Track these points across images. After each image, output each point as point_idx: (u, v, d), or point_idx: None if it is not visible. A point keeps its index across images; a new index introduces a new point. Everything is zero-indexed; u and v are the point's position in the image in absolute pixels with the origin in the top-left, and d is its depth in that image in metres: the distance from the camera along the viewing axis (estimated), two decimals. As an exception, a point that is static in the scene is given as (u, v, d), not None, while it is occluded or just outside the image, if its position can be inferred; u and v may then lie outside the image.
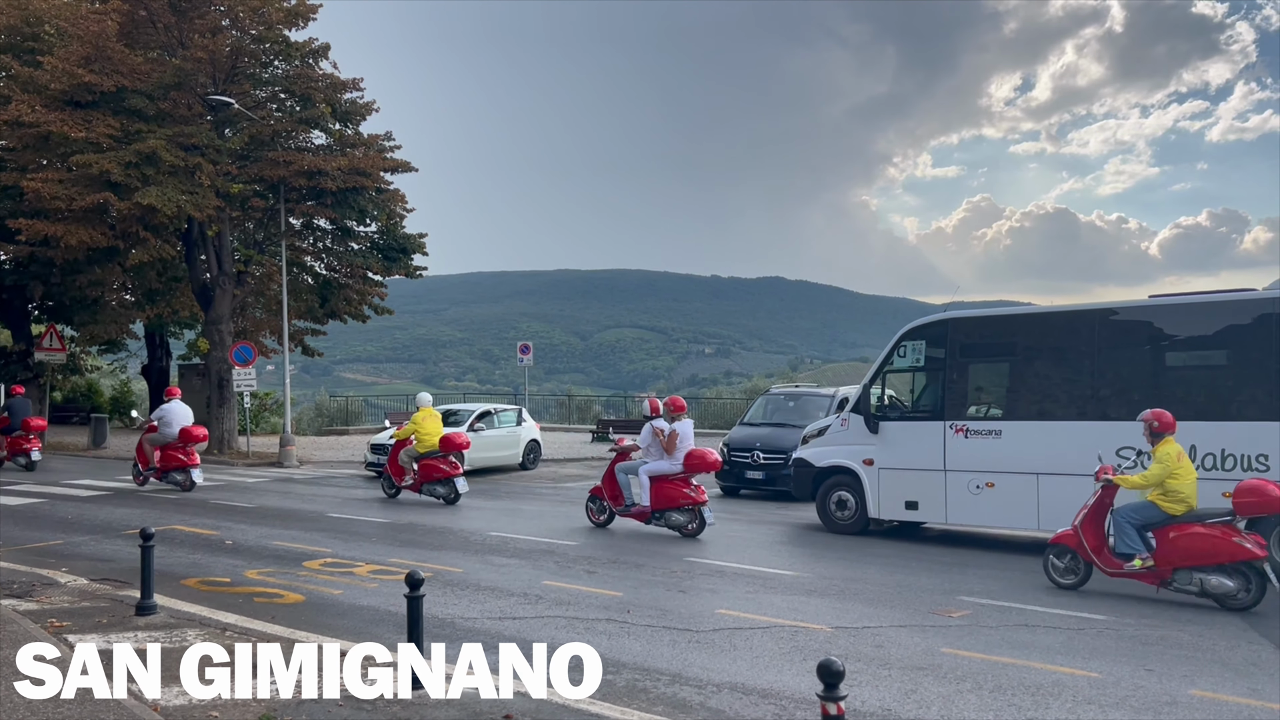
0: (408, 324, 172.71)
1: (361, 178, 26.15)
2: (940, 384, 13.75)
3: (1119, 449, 12.01)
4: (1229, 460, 11.36)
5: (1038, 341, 13.24)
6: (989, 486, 12.93)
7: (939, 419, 13.54)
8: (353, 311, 31.12)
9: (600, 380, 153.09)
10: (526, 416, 25.13)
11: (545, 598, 9.58)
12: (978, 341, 13.81)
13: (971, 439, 13.21)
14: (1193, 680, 7.12)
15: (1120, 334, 12.60)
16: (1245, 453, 11.24)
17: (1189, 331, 12.28)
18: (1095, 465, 10.97)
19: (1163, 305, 12.41)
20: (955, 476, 13.24)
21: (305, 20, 26.58)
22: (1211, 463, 11.39)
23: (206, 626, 8.08)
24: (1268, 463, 11.08)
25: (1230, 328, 11.86)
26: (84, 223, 24.89)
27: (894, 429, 14.03)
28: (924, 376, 14.14)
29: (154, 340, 39.36)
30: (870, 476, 14.07)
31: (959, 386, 13.59)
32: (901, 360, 14.18)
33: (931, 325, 14.04)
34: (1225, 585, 9.63)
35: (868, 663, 7.40)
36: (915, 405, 14.19)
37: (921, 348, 14.01)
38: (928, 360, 13.95)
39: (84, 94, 24.64)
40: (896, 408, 14.34)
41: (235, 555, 11.90)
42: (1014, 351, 13.44)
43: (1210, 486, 11.05)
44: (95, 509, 16.01)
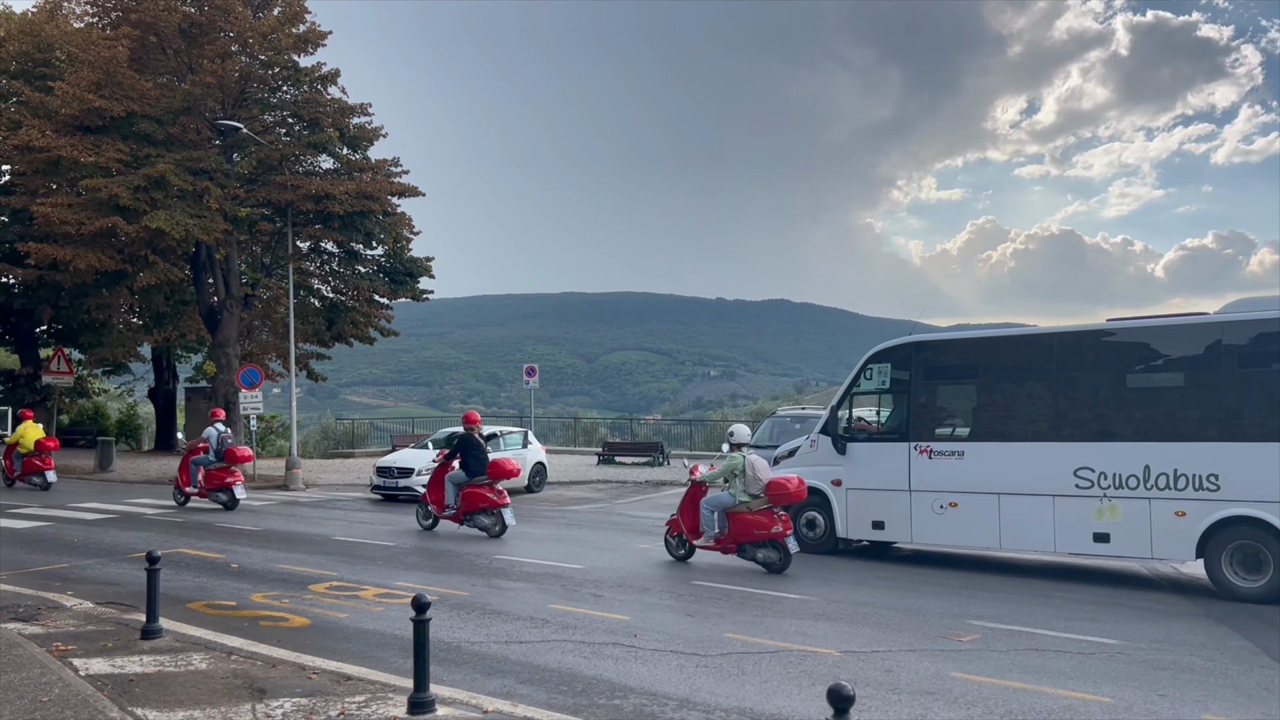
0: (414, 347, 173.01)
1: (368, 202, 26.31)
2: (905, 406, 14.03)
3: (1077, 469, 12.30)
4: (1181, 480, 11.60)
5: (998, 364, 13.56)
6: (952, 506, 13.21)
7: (904, 440, 13.80)
8: (359, 334, 31.22)
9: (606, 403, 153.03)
10: (532, 439, 25.09)
11: (552, 621, 9.53)
12: (941, 364, 14.10)
13: (935, 460, 13.47)
14: (1206, 706, 7.05)
15: (1077, 357, 12.82)
16: (1197, 472, 11.50)
17: (1144, 355, 12.46)
18: (1055, 486, 12.14)
19: (1118, 329, 12.64)
20: (920, 496, 13.51)
21: (314, 46, 26.86)
22: (1165, 482, 11.69)
23: (212, 650, 8.04)
24: (1218, 482, 11.34)
25: (1184, 350, 12.11)
26: (92, 247, 25.06)
27: (861, 450, 14.25)
28: (889, 399, 14.42)
29: (161, 363, 39.51)
30: (839, 497, 14.30)
31: (923, 408, 13.91)
32: (868, 383, 14.41)
33: (896, 348, 14.25)
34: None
35: (877, 688, 7.33)
36: (881, 427, 14.47)
37: (887, 370, 14.26)
38: (893, 382, 14.21)
39: (94, 119, 24.85)
40: (863, 429, 14.54)
41: (241, 579, 11.87)
42: (975, 374, 13.76)
43: (1163, 506, 11.64)
44: (101, 532, 15.99)
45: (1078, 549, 12.49)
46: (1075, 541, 12.36)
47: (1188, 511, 11.50)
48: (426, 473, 21.40)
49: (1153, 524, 11.74)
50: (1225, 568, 11.33)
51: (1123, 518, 11.94)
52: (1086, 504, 12.19)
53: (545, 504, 21.70)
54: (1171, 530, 11.61)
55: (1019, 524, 12.67)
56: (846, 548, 14.73)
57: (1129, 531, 11.90)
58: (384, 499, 21.88)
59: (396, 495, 21.62)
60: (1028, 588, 11.86)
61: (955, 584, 12.07)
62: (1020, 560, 14.08)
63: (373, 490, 22.26)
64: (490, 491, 15.87)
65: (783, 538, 12.56)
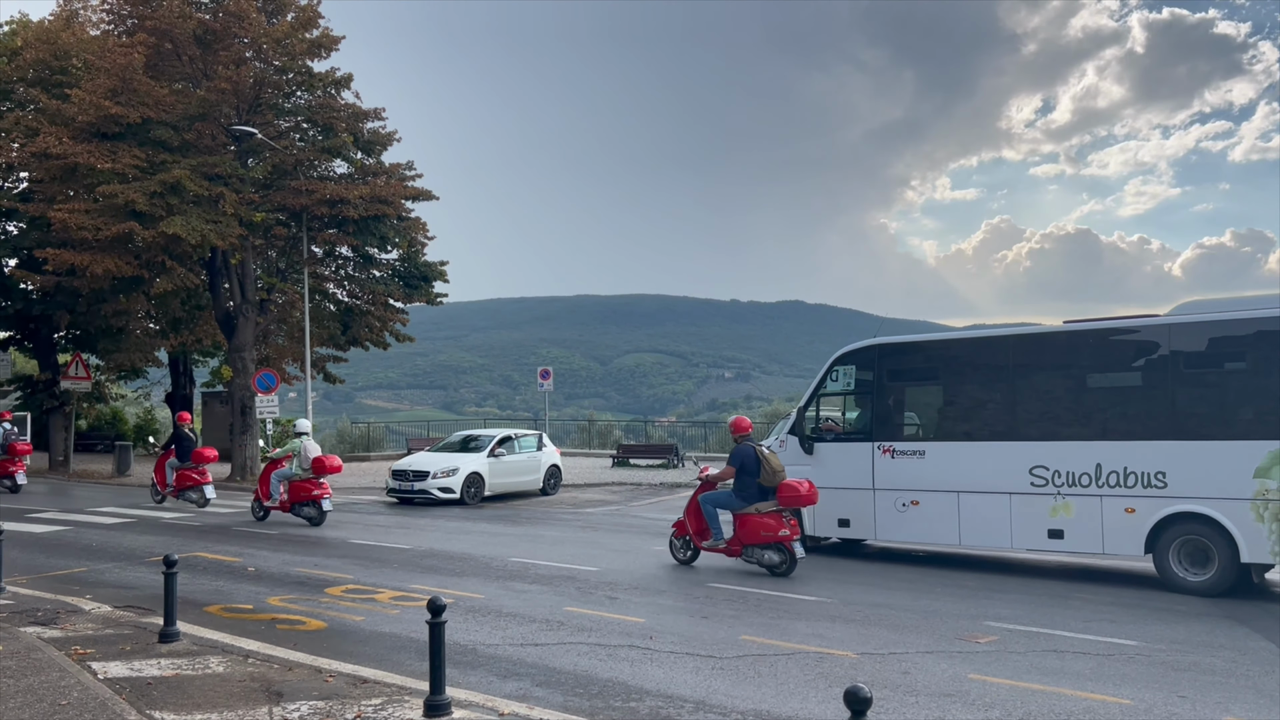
0: (429, 350, 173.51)
1: (383, 206, 26.38)
2: (869, 406, 14.43)
3: (1032, 468, 12.64)
4: (1131, 477, 11.95)
5: (957, 366, 13.93)
6: (914, 504, 13.62)
7: (868, 440, 14.18)
8: (374, 338, 31.29)
9: (620, 405, 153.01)
10: (547, 442, 25.12)
11: (567, 624, 9.52)
12: (903, 366, 14.43)
13: (898, 459, 13.85)
14: (1227, 707, 6.98)
15: (1032, 359, 13.18)
16: (1146, 470, 11.84)
17: (1095, 356, 12.68)
18: (1011, 484, 12.47)
19: (1072, 331, 12.92)
20: (883, 495, 13.92)
21: (328, 51, 26.93)
22: (1116, 480, 12.03)
23: (229, 653, 8.07)
24: (1166, 479, 11.68)
25: (1132, 352, 12.39)
26: (109, 252, 25.20)
27: (827, 450, 14.61)
28: (854, 399, 14.80)
29: (178, 368, 39.70)
30: None
31: (886, 409, 14.29)
32: (834, 384, 14.81)
33: (861, 350, 14.61)
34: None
35: (894, 690, 7.30)
36: (846, 427, 14.83)
37: (852, 372, 14.64)
38: (858, 384, 14.58)
39: (110, 125, 25.01)
40: (830, 430, 14.88)
41: (257, 582, 11.91)
42: (936, 376, 14.20)
43: (1114, 503, 12.01)
44: (119, 536, 16.09)
45: (1033, 545, 12.83)
46: (1031, 538, 12.72)
47: (1137, 508, 11.86)
48: (442, 475, 21.55)
49: (1104, 521, 12.11)
50: (1173, 562, 11.68)
51: (1076, 515, 12.29)
52: (1041, 501, 12.55)
53: (560, 506, 21.72)
54: (1122, 526, 11.98)
55: (977, 521, 13.06)
56: (815, 545, 14.85)
57: (1082, 528, 12.26)
58: (400, 502, 21.94)
59: (412, 498, 21.69)
60: (1046, 589, 11.79)
61: (972, 585, 12.01)
62: (1038, 562, 14.01)
63: (388, 493, 22.33)
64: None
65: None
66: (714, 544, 13.07)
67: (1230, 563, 11.24)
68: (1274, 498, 10.96)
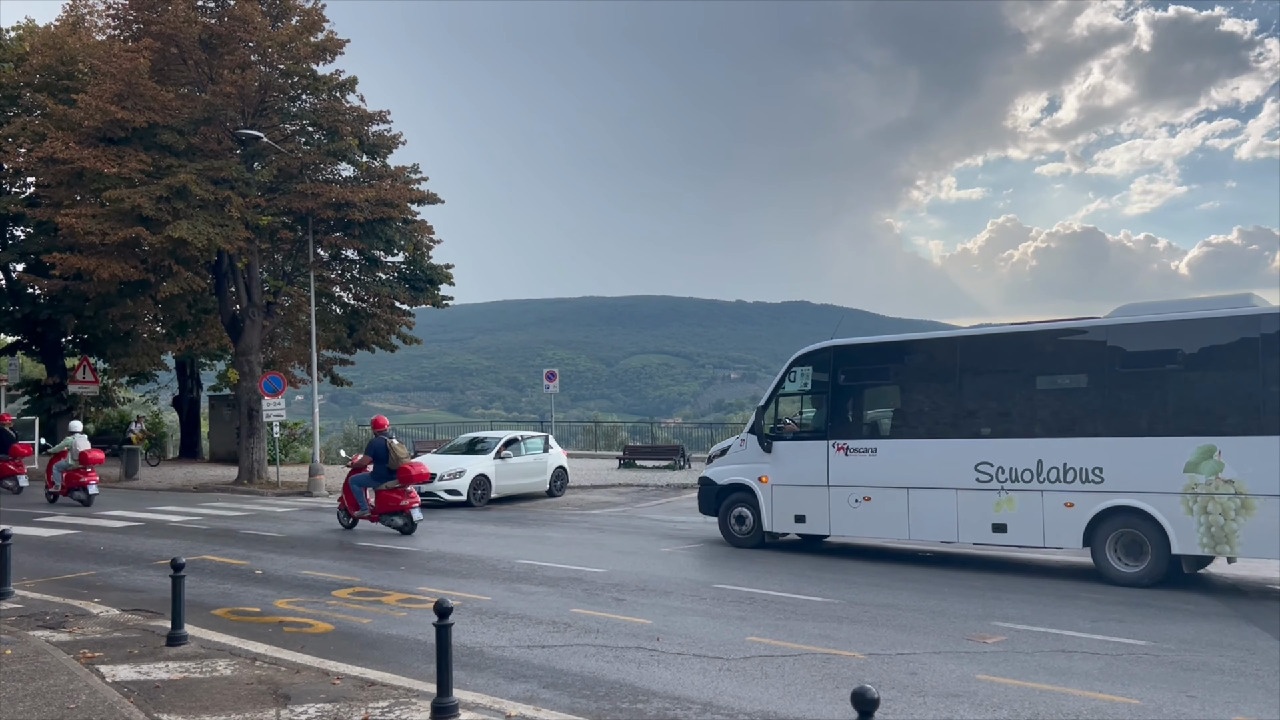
0: (435, 353, 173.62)
1: (388, 209, 26.43)
2: (825, 406, 14.92)
3: (977, 464, 13.12)
4: (1070, 473, 12.44)
5: (908, 366, 14.44)
6: (866, 500, 14.09)
7: (823, 438, 14.65)
8: (380, 341, 31.34)
9: (626, 406, 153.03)
10: (553, 443, 25.13)
11: (574, 625, 9.52)
12: (857, 366, 14.86)
13: (851, 456, 14.31)
14: (1236, 707, 6.96)
15: (977, 359, 13.71)
16: (1083, 465, 12.32)
17: (1038, 356, 13.12)
18: (958, 480, 13.09)
19: (1014, 332, 13.45)
20: (837, 491, 14.38)
21: (332, 54, 26.98)
22: (1056, 475, 12.53)
23: (237, 657, 8.08)
24: (1102, 475, 12.18)
25: (1071, 352, 12.90)
26: (116, 257, 25.30)
27: (785, 448, 15.10)
28: (811, 399, 15.32)
29: (184, 371, 39.82)
30: (765, 493, 15.19)
31: (841, 408, 14.76)
32: (792, 384, 15.35)
33: (817, 352, 15.11)
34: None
35: (902, 690, 7.28)
36: (803, 426, 15.27)
37: (809, 373, 15.17)
38: (814, 384, 15.12)
39: (116, 130, 25.09)
40: (788, 428, 15.33)
41: (265, 585, 11.93)
42: (888, 376, 14.75)
43: (1054, 497, 12.50)
44: (127, 540, 16.13)
45: (978, 539, 13.32)
46: (976, 532, 13.18)
47: (1075, 503, 12.33)
48: (449, 478, 21.57)
49: (1045, 515, 12.57)
50: (1109, 554, 12.16)
51: (1018, 509, 12.74)
52: (986, 497, 12.99)
53: (567, 508, 21.72)
54: (1061, 520, 12.42)
55: (926, 516, 13.53)
56: (773, 541, 15.54)
57: (1024, 522, 12.71)
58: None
59: (419, 501, 21.65)
60: (1053, 588, 11.76)
61: (980, 585, 11.98)
62: (1045, 561, 13.97)
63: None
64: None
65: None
66: (361, 513, 16.87)
67: (1162, 554, 11.75)
68: (1202, 491, 11.48)
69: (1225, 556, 11.72)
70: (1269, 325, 11.34)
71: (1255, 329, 11.42)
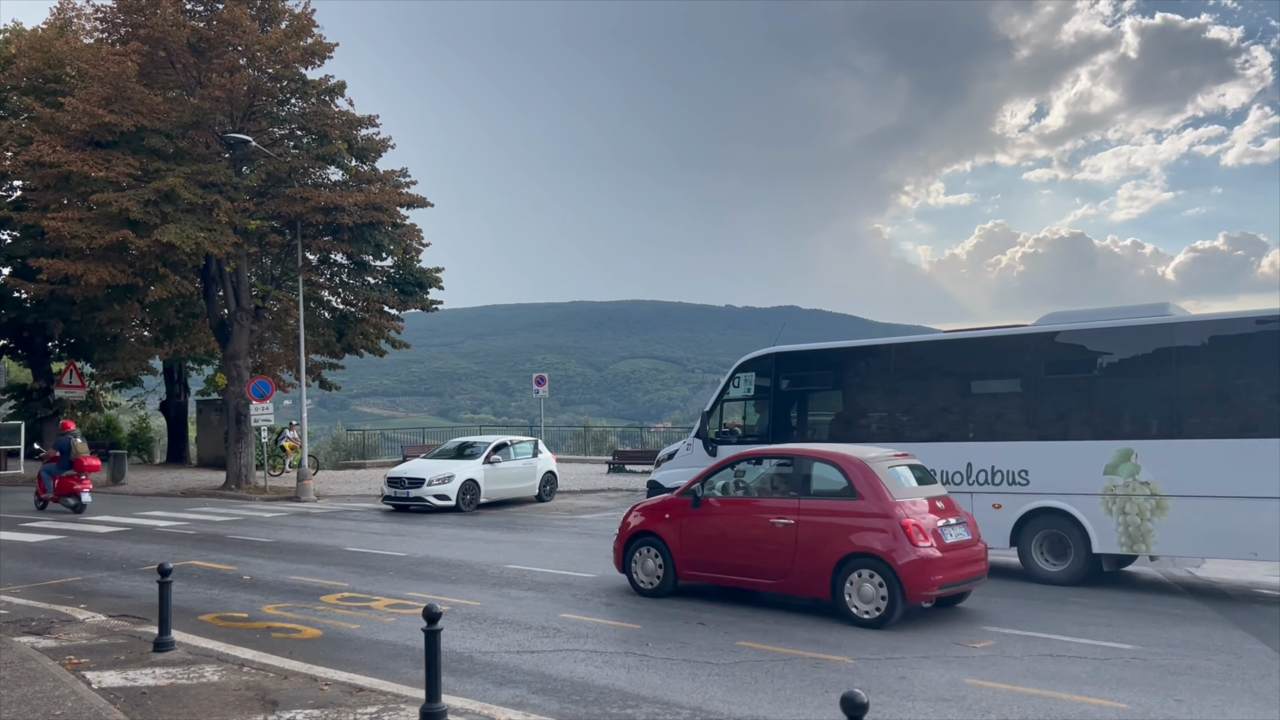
0: (424, 357, 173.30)
1: (378, 213, 26.36)
2: (767, 411, 15.32)
3: None
4: (997, 475, 12.93)
5: (845, 372, 14.92)
6: None
7: (765, 442, 14.75)
8: (369, 345, 31.27)
9: (616, 411, 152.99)
10: (543, 448, 25.08)
11: (564, 631, 9.51)
12: (798, 372, 15.28)
13: None
14: (1223, 711, 6.99)
15: (911, 366, 14.15)
16: (1010, 468, 12.80)
17: (967, 363, 13.68)
18: None
19: (949, 340, 13.98)
20: None
21: (321, 59, 26.96)
22: (984, 478, 13.02)
23: (224, 662, 8.04)
24: (1028, 477, 12.66)
25: (998, 359, 13.45)
26: (104, 261, 25.18)
27: (729, 452, 15.08)
28: (754, 404, 15.74)
29: (172, 376, 39.63)
30: None
31: (782, 413, 15.20)
32: (736, 390, 15.82)
33: (760, 358, 15.55)
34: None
35: (891, 695, 7.29)
36: (746, 430, 15.61)
37: (752, 378, 15.63)
38: (757, 389, 15.60)
39: (104, 134, 24.98)
40: (733, 433, 15.72)
41: (253, 590, 11.88)
42: (827, 381, 15.18)
43: (983, 499, 12.97)
44: (114, 545, 16.03)
45: None
46: None
47: (1003, 504, 12.83)
48: (438, 483, 21.52)
49: (974, 516, 12.62)
50: (1035, 554, 12.62)
51: None
52: None
53: (556, 513, 21.69)
54: (990, 521, 12.70)
55: None
56: None
57: None
58: (395, 509, 21.89)
59: (408, 505, 21.64)
60: (1042, 593, 11.79)
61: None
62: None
63: (384, 501, 22.27)
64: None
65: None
66: (47, 495, 20.95)
67: (1084, 553, 12.22)
68: (1120, 493, 11.96)
69: (1142, 555, 12.20)
70: (1183, 333, 11.92)
71: (1170, 337, 11.97)
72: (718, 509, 11.01)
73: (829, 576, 9.90)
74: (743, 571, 10.70)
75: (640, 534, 11.67)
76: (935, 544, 9.68)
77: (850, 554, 9.78)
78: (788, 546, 10.24)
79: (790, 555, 10.22)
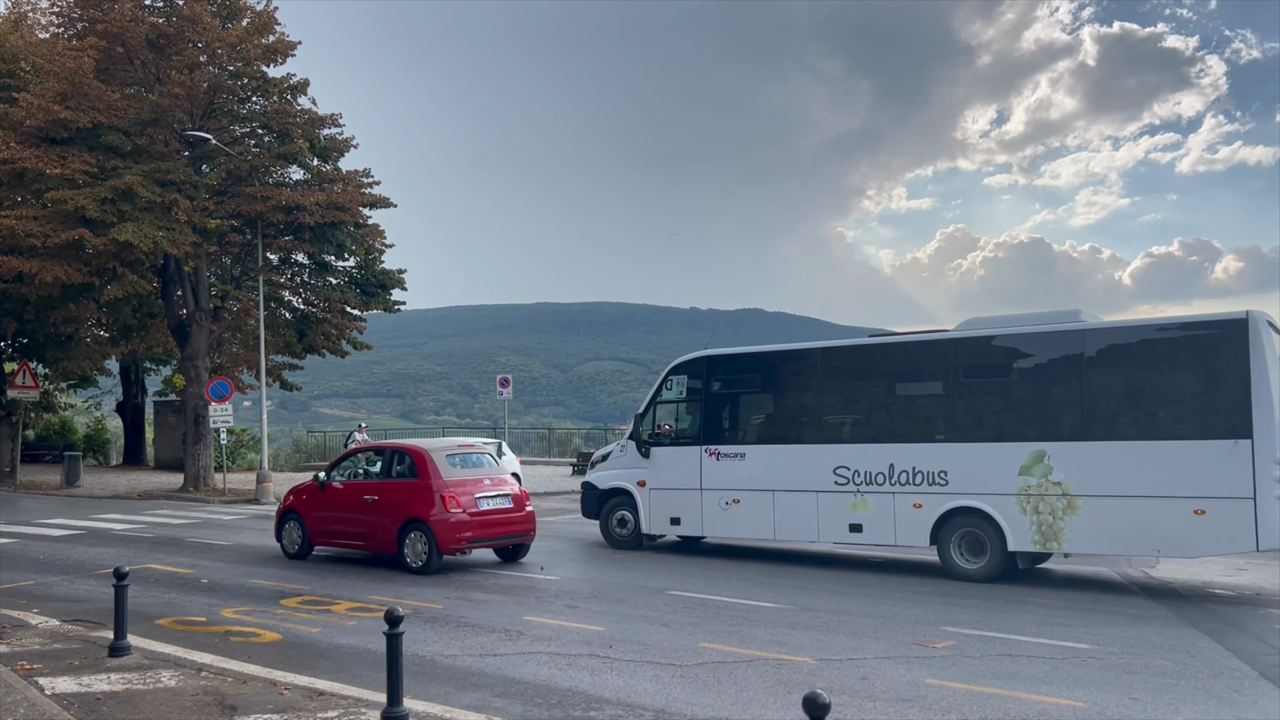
0: (386, 359, 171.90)
1: (340, 213, 26.12)
2: (699, 413, 15.56)
3: (835, 468, 13.85)
4: (919, 476, 13.17)
5: (774, 375, 15.14)
6: (735, 503, 14.77)
7: (696, 444, 15.31)
8: (331, 346, 30.98)
9: (580, 413, 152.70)
10: (506, 450, 25.02)
11: (527, 634, 9.48)
12: (728, 376, 15.53)
13: (722, 461, 15.00)
14: (1177, 709, 7.11)
15: (837, 369, 14.48)
16: (931, 469, 13.07)
17: (890, 367, 14.01)
18: (819, 483, 13.76)
19: (873, 344, 14.31)
20: (709, 494, 15.06)
21: (284, 56, 26.65)
22: (906, 478, 13.26)
23: (181, 667, 7.93)
24: (947, 478, 12.93)
25: (919, 363, 13.79)
26: (59, 259, 24.74)
27: (662, 454, 15.79)
28: (686, 407, 16.00)
29: (129, 377, 39.04)
30: (643, 496, 15.83)
31: (713, 415, 15.42)
32: (669, 393, 16.09)
33: (692, 361, 15.81)
34: None
35: (853, 695, 7.34)
36: (679, 432, 15.94)
37: (684, 381, 15.91)
38: (689, 392, 15.89)
39: (60, 130, 24.56)
40: (665, 435, 16.00)
41: (211, 594, 11.73)
42: (756, 384, 15.44)
43: (905, 499, 13.24)
44: (68, 549, 15.76)
45: (837, 538, 14.08)
46: (835, 532, 13.94)
47: (923, 504, 13.11)
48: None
49: (896, 515, 13.34)
50: (953, 552, 12.92)
51: (873, 510, 13.52)
52: (844, 499, 13.77)
53: (520, 515, 21.58)
54: (911, 520, 13.17)
55: (789, 517, 14.24)
56: (651, 543, 16.23)
57: (878, 522, 13.48)
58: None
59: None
60: (1001, 593, 11.93)
61: (929, 591, 12.13)
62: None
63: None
64: None
65: None
66: None
67: (1000, 551, 12.54)
68: (1034, 492, 12.29)
69: (1056, 553, 12.60)
70: (1092, 339, 12.32)
71: (1081, 343, 12.35)
72: (335, 490, 14.42)
73: (396, 537, 13.32)
74: (349, 538, 14.18)
75: (286, 511, 15.02)
76: (466, 511, 13.11)
77: (408, 519, 13.24)
78: (374, 517, 13.68)
79: (375, 523, 13.65)
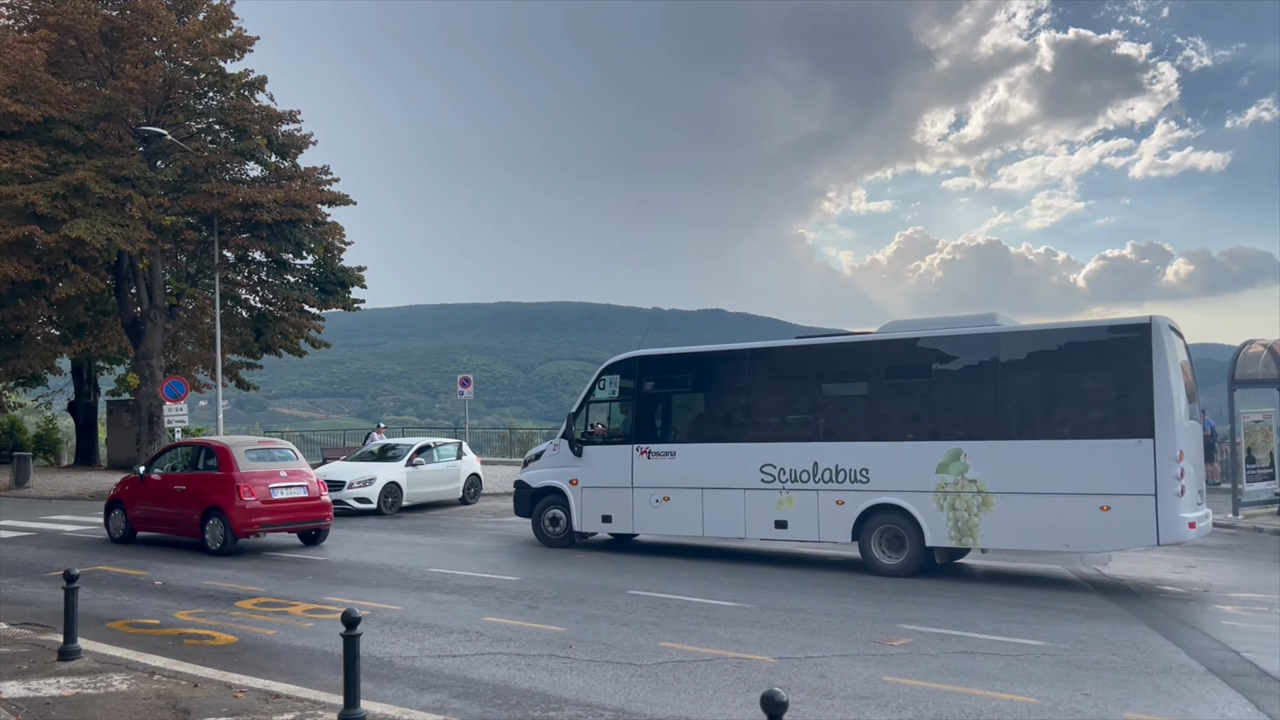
0: (345, 358, 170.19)
1: (298, 210, 25.89)
2: (631, 412, 15.75)
3: (762, 466, 14.12)
4: (841, 474, 13.50)
5: (703, 375, 15.37)
6: (666, 500, 14.97)
7: (628, 443, 15.48)
8: (289, 345, 30.68)
9: (542, 413, 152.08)
10: (467, 450, 24.87)
11: (486, 634, 9.45)
12: (660, 375, 15.76)
13: (653, 459, 15.18)
14: (1127, 704, 7.24)
15: (762, 370, 14.72)
16: (852, 467, 13.42)
17: (814, 367, 14.32)
18: (745, 481, 14.05)
19: (800, 345, 14.58)
20: (640, 492, 15.22)
21: (241, 52, 26.38)
22: (829, 476, 13.58)
23: (133, 670, 7.81)
24: (868, 475, 13.30)
25: (842, 364, 14.21)
26: (8, 256, 24.27)
27: (594, 452, 15.91)
28: (618, 406, 16.16)
29: (81, 376, 38.35)
30: (575, 495, 15.94)
31: (644, 414, 15.61)
32: (601, 392, 16.24)
33: (624, 361, 15.99)
34: None
35: (811, 693, 7.40)
36: (610, 431, 16.08)
37: (616, 381, 16.09)
38: (621, 391, 16.07)
39: (9, 124, 24.11)
40: (597, 434, 16.13)
41: (165, 596, 11.56)
42: (687, 384, 15.68)
43: (828, 496, 13.58)
44: (16, 550, 15.46)
45: (763, 535, 14.35)
46: (761, 528, 14.21)
47: (845, 500, 13.43)
48: (359, 485, 21.20)
49: (820, 512, 13.66)
50: (874, 548, 13.26)
51: (797, 507, 13.81)
52: (769, 496, 14.02)
53: (480, 515, 21.53)
54: (834, 517, 13.51)
55: (718, 514, 14.47)
56: (583, 540, 16.38)
57: (802, 518, 13.78)
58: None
59: (328, 509, 21.23)
60: (958, 591, 12.07)
61: (887, 589, 12.24)
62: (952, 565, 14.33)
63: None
64: None
65: None
66: None
67: (918, 547, 12.89)
68: (951, 490, 12.65)
69: (972, 548, 12.92)
70: (1006, 342, 12.70)
71: (995, 346, 12.72)
72: (153, 482, 16.04)
73: (199, 522, 15.02)
74: (163, 524, 15.93)
75: (112, 501, 16.71)
76: (260, 500, 14.80)
77: (209, 506, 14.89)
78: (181, 505, 15.39)
79: (183, 511, 15.33)
